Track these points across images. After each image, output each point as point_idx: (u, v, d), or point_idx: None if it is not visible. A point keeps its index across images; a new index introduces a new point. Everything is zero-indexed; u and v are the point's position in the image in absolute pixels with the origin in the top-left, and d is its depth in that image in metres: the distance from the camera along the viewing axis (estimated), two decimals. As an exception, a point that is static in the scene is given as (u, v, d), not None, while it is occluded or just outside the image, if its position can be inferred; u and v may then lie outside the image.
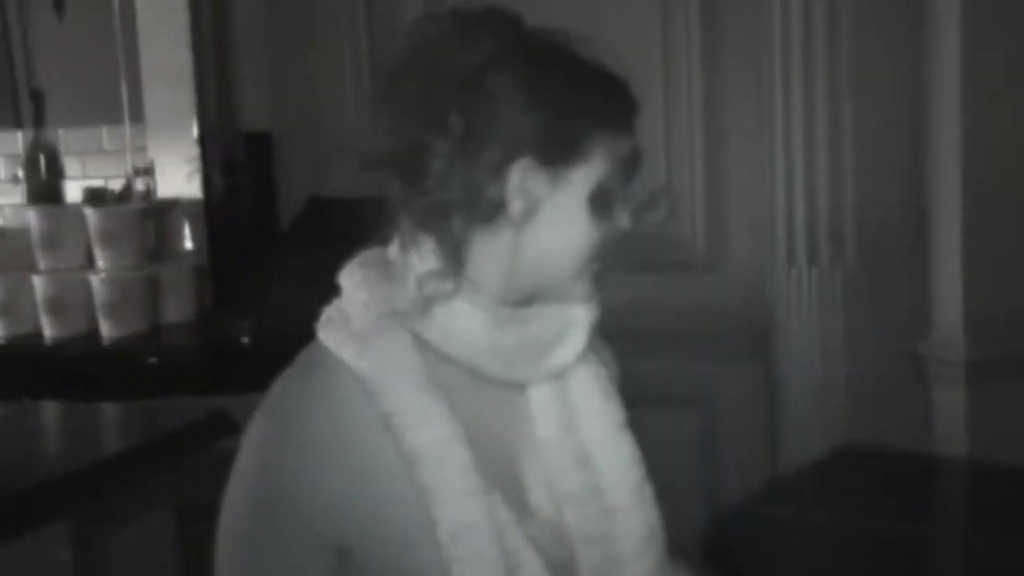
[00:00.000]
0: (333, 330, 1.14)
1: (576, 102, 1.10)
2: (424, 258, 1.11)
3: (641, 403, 1.28)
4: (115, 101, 3.39)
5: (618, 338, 1.28)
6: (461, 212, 1.09)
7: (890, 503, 2.12)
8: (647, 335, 2.40)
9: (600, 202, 1.12)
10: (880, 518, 2.04)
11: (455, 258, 1.11)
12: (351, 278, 1.16)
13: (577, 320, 1.17)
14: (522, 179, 1.09)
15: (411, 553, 1.07)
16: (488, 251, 1.12)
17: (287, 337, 1.20)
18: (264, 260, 3.10)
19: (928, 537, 2.06)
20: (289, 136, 3.28)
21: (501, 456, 1.14)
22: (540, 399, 1.19)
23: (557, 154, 1.10)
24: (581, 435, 1.20)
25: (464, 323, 1.11)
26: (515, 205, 1.09)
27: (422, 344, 1.12)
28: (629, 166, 1.14)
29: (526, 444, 1.18)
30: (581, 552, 1.15)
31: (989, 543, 1.96)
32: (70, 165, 3.34)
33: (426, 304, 1.10)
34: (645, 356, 1.78)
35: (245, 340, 2.87)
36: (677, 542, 1.24)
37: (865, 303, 2.68)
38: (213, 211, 3.21)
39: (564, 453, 1.18)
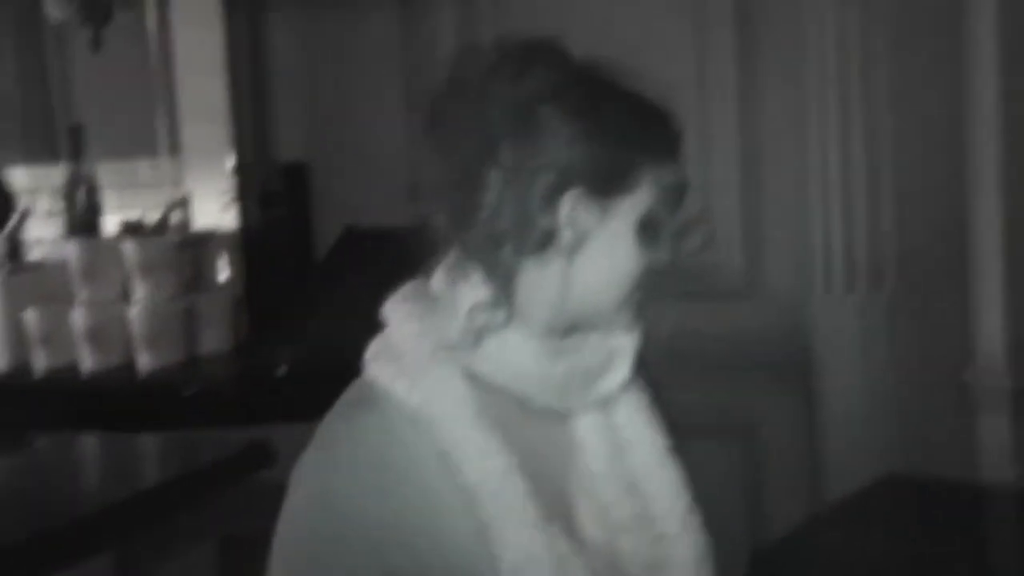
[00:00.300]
0: (382, 365, 1.13)
1: (625, 133, 1.11)
2: (474, 289, 1.11)
3: (682, 432, 1.27)
4: (152, 134, 3.42)
5: (657, 367, 1.28)
6: (512, 242, 1.09)
7: (935, 532, 2.09)
8: (686, 363, 2.38)
9: (647, 231, 1.13)
10: (925, 548, 2.01)
11: (505, 289, 1.10)
12: (397, 312, 1.15)
13: (622, 348, 1.18)
14: (572, 210, 1.09)
15: None
16: (537, 281, 1.12)
17: (324, 367, 1.20)
18: (300, 291, 3.11)
19: (974, 567, 2.03)
20: (325, 167, 3.30)
21: (553, 487, 1.14)
22: (586, 428, 1.19)
23: (606, 185, 1.10)
24: (628, 462, 1.19)
25: (515, 354, 1.11)
26: (565, 235, 1.10)
27: (472, 376, 1.11)
28: (675, 195, 1.15)
29: (575, 474, 1.17)
30: None
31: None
32: (108, 198, 3.37)
33: (477, 336, 1.10)
34: (685, 385, 1.77)
35: (282, 371, 2.88)
36: (721, 572, 1.23)
37: (905, 330, 2.65)
38: (249, 242, 3.23)
39: (613, 482, 1.18)
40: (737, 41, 2.84)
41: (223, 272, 3.25)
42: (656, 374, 1.27)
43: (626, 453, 1.19)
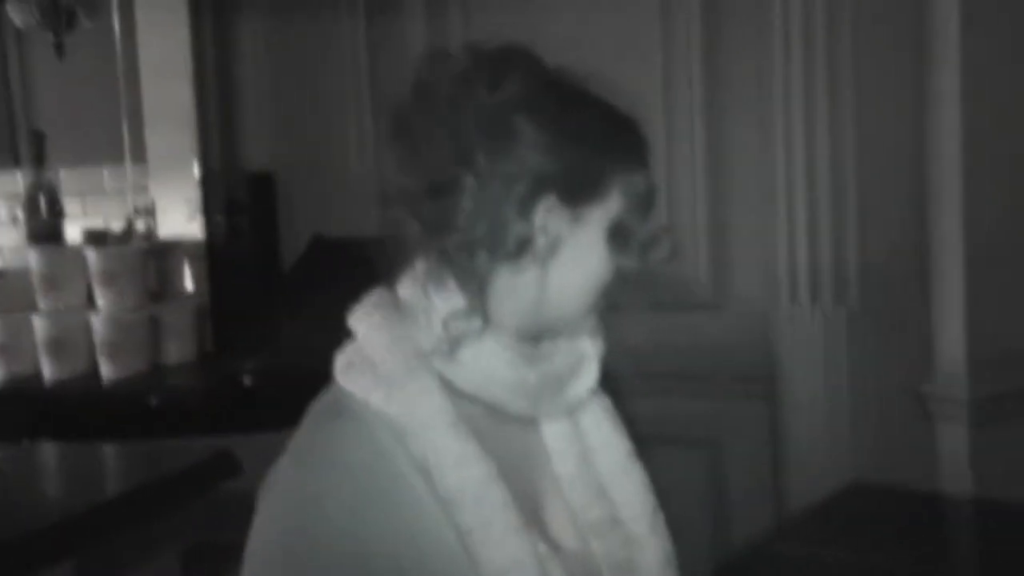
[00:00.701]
0: (356, 375, 1.12)
1: (596, 142, 1.12)
2: (450, 298, 1.11)
3: (647, 442, 1.28)
4: (116, 141, 3.40)
5: (623, 378, 1.28)
6: (487, 250, 1.09)
7: (896, 542, 2.11)
8: (652, 374, 2.39)
9: (617, 238, 1.14)
10: (886, 557, 2.03)
11: (479, 296, 1.10)
12: (368, 321, 1.14)
13: (588, 354, 1.19)
14: (546, 217, 1.10)
15: None
16: (511, 288, 1.12)
17: (290, 377, 1.19)
18: (266, 300, 3.10)
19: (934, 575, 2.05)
20: (291, 176, 3.29)
21: (527, 493, 1.14)
22: (555, 434, 1.20)
23: (578, 192, 1.11)
24: (596, 467, 1.21)
25: (490, 361, 1.11)
26: (540, 242, 1.10)
27: (446, 384, 1.11)
28: (643, 203, 1.15)
29: (545, 479, 1.18)
30: None
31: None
32: (70, 205, 3.35)
33: (454, 344, 1.10)
34: (650, 395, 1.78)
35: (247, 380, 2.86)
36: (686, 576, 1.24)
37: (868, 341, 2.67)
38: (215, 251, 3.21)
39: (582, 487, 1.19)
40: (704, 54, 2.86)
41: (188, 281, 3.23)
42: (618, 384, 1.28)
43: (593, 458, 1.21)
